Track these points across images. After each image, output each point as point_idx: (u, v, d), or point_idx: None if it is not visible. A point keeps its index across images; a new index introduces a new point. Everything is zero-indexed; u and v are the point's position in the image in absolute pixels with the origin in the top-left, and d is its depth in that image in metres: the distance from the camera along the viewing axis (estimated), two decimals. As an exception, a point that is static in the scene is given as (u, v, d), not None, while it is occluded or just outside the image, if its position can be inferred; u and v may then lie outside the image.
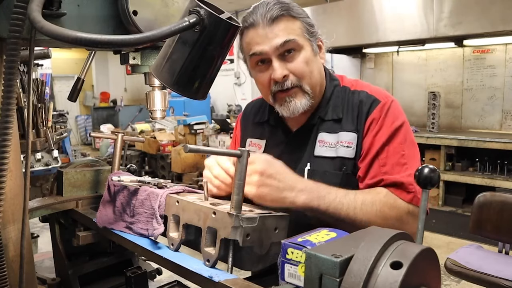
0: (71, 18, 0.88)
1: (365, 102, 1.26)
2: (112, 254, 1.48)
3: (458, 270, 2.73)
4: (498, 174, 5.38)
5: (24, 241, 0.86)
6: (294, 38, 1.21)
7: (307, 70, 1.24)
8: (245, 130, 1.53)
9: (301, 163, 1.30)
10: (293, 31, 1.22)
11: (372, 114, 1.24)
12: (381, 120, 1.23)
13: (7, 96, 0.75)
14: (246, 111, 1.57)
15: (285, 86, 1.24)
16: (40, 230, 3.43)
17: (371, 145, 1.22)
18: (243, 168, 0.91)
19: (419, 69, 6.83)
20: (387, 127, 1.22)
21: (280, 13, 1.20)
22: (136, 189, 1.15)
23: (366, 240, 0.66)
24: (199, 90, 0.88)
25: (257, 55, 1.24)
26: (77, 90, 1.26)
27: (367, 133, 1.24)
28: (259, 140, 1.45)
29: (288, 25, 1.22)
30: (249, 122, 1.52)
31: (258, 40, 1.23)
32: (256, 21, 1.22)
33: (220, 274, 0.86)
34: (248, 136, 1.49)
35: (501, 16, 5.04)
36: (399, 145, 1.22)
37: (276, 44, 1.21)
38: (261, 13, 1.21)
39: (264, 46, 1.22)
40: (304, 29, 1.24)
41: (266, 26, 1.21)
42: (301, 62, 1.23)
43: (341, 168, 1.24)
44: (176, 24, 0.74)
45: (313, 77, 1.26)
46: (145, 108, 1.15)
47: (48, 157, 3.07)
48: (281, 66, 1.23)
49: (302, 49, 1.24)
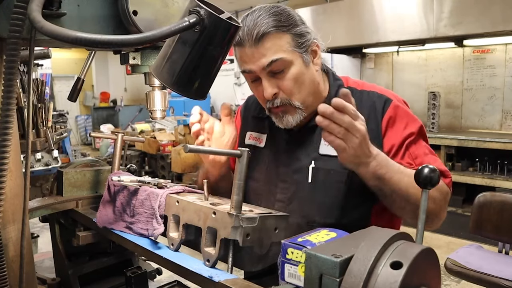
0: (71, 18, 0.88)
1: (378, 102, 1.27)
2: (112, 254, 1.48)
3: (458, 270, 2.73)
4: (498, 174, 5.37)
5: (24, 241, 0.86)
6: (281, 57, 1.18)
7: (295, 87, 1.23)
8: (245, 122, 1.53)
9: (304, 160, 1.30)
10: (280, 48, 1.18)
11: (388, 113, 1.25)
12: (400, 117, 1.25)
13: (7, 96, 0.75)
14: (247, 104, 1.57)
15: (275, 103, 1.25)
16: (40, 230, 3.43)
17: (398, 140, 1.24)
18: (243, 168, 0.91)
19: (419, 69, 6.82)
20: (410, 124, 1.25)
21: (266, 30, 1.16)
22: (136, 189, 1.15)
23: (366, 240, 0.66)
24: (199, 90, 0.88)
25: (247, 73, 1.24)
26: (77, 90, 1.26)
27: (386, 131, 1.25)
28: (260, 134, 1.44)
29: (275, 42, 1.18)
30: (249, 114, 1.52)
31: (246, 59, 1.21)
32: (242, 39, 1.19)
33: (220, 274, 0.86)
34: (248, 129, 1.49)
35: (501, 16, 5.04)
36: (423, 141, 1.26)
37: (263, 64, 1.19)
38: (247, 30, 1.18)
39: (252, 66, 1.21)
40: (292, 43, 1.20)
41: (253, 46, 1.18)
42: (290, 80, 1.22)
43: None
44: (176, 24, 0.74)
45: (303, 91, 1.25)
46: (145, 108, 1.15)
47: (48, 157, 3.08)
48: (271, 85, 1.22)
49: (291, 65, 1.21)
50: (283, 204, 1.32)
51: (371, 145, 1.05)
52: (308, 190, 1.28)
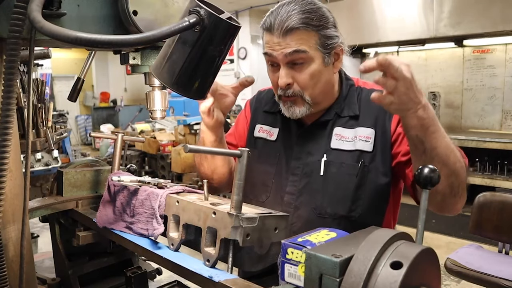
0: (71, 18, 0.88)
1: None
2: (112, 254, 1.48)
3: (458, 270, 2.73)
4: (498, 174, 5.38)
5: (24, 241, 0.86)
6: (305, 49, 1.23)
7: (311, 83, 1.27)
8: (255, 114, 1.55)
9: (315, 155, 1.34)
10: (305, 42, 1.23)
11: None
12: None
13: (7, 96, 0.75)
14: (258, 96, 1.59)
15: (287, 93, 1.28)
16: (40, 230, 3.43)
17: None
18: (243, 168, 0.91)
19: (419, 69, 6.82)
20: None
21: (296, 25, 1.21)
22: (136, 189, 1.15)
23: (366, 240, 0.66)
24: (199, 90, 0.88)
25: (269, 56, 1.28)
26: (77, 90, 1.26)
27: (396, 127, 1.28)
28: (271, 128, 1.47)
29: (302, 37, 1.23)
30: (260, 107, 1.54)
31: (271, 45, 1.26)
32: (272, 27, 1.24)
33: (220, 274, 0.86)
34: (258, 122, 1.51)
35: (501, 16, 5.05)
36: None
37: (286, 52, 1.23)
38: (279, 20, 1.22)
39: (275, 53, 1.25)
40: (319, 42, 1.24)
41: (280, 36, 1.23)
42: (307, 75, 1.26)
43: (359, 160, 1.28)
44: (176, 24, 0.74)
45: (317, 89, 1.29)
46: (145, 108, 1.15)
47: (48, 157, 3.08)
48: (287, 75, 1.26)
49: (311, 61, 1.25)
50: (293, 196, 1.35)
51: (419, 92, 1.02)
52: (319, 182, 1.31)
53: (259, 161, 1.43)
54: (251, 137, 1.50)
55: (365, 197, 1.27)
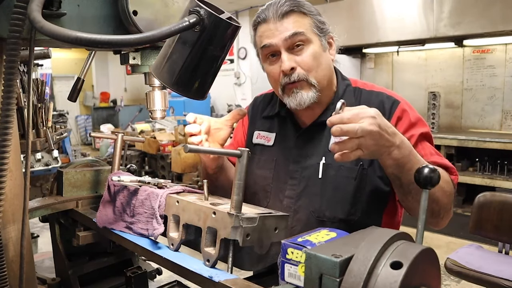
0: (71, 18, 0.88)
1: (386, 102, 1.30)
2: (112, 254, 1.48)
3: (458, 270, 2.73)
4: (498, 174, 5.37)
5: (24, 241, 0.86)
6: (302, 31, 1.26)
7: (314, 64, 1.28)
8: (253, 121, 1.54)
9: (314, 157, 1.33)
10: (302, 25, 1.27)
11: (396, 113, 1.28)
12: (408, 118, 1.27)
13: (7, 96, 0.75)
14: (255, 103, 1.59)
15: (292, 78, 1.27)
16: (40, 230, 3.44)
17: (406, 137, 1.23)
18: (243, 168, 0.91)
19: (419, 69, 6.82)
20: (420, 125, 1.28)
21: (290, 8, 1.26)
22: (136, 189, 1.15)
23: (366, 240, 0.66)
24: (199, 90, 0.88)
25: (267, 47, 1.29)
26: (77, 90, 1.26)
27: None
28: (268, 133, 1.46)
29: (298, 19, 1.27)
30: (257, 114, 1.54)
31: (269, 33, 1.28)
32: (267, 16, 1.28)
33: (220, 274, 0.86)
34: (256, 129, 1.51)
35: (501, 16, 5.04)
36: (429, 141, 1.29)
37: (285, 36, 1.25)
38: (272, 9, 1.28)
39: (274, 39, 1.27)
40: (313, 25, 1.29)
41: (277, 21, 1.27)
42: (309, 56, 1.27)
43: (358, 163, 1.27)
44: (176, 24, 0.74)
45: (320, 71, 1.29)
46: (145, 108, 1.15)
47: (48, 157, 3.07)
48: (289, 59, 1.27)
49: (310, 43, 1.27)
50: (292, 200, 1.34)
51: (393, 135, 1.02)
52: (318, 185, 1.30)
53: (258, 167, 1.43)
54: (250, 144, 1.50)
55: (364, 200, 1.26)
